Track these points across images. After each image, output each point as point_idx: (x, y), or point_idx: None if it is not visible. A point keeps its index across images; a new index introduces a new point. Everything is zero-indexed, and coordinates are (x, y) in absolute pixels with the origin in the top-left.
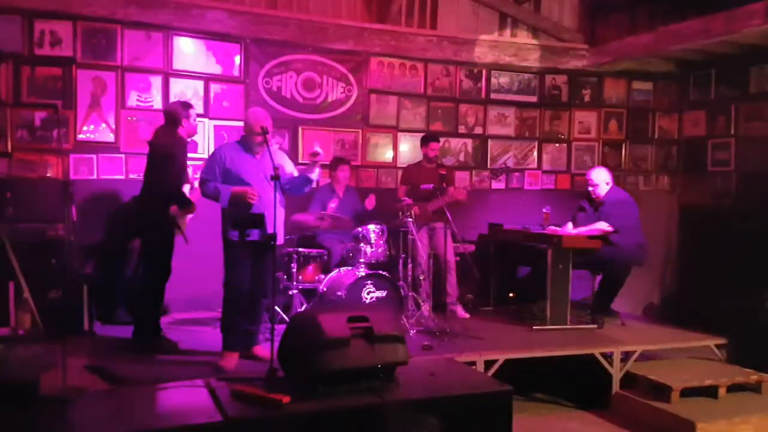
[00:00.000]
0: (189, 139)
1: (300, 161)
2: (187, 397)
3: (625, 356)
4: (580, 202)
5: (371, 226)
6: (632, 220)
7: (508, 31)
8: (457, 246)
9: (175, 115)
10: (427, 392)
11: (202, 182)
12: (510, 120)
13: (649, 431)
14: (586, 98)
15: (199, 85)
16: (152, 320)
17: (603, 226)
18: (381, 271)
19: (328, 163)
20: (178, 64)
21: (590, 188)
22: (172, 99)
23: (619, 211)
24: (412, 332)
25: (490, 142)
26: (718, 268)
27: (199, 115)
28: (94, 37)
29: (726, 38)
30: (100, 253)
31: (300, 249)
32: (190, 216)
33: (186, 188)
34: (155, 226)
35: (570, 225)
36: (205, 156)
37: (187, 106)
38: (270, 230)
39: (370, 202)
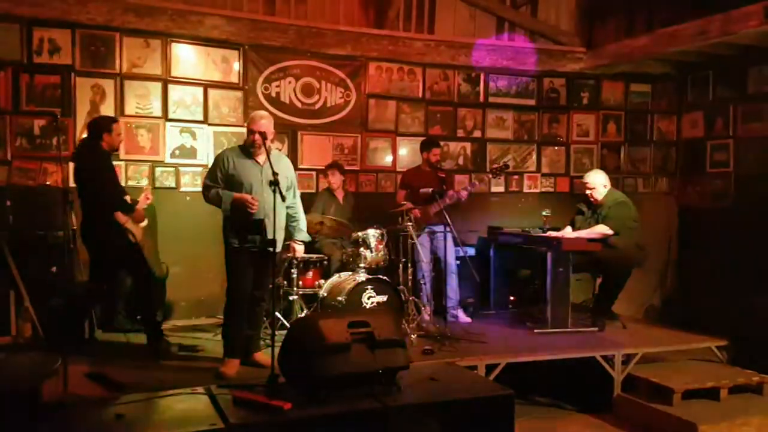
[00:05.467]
0: (111, 152)
1: (300, 166)
2: (188, 404)
3: (627, 359)
4: (578, 205)
5: (371, 231)
6: (630, 221)
7: (505, 35)
8: (458, 249)
9: (97, 128)
10: (429, 397)
11: (204, 188)
12: (508, 123)
13: None
14: (585, 101)
15: (198, 91)
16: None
17: (602, 229)
18: (381, 276)
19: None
20: (177, 70)
21: (588, 191)
22: (171, 106)
23: (616, 212)
24: (413, 337)
25: (488, 146)
26: (718, 270)
27: (197, 122)
28: (92, 45)
29: (723, 40)
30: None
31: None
32: (142, 224)
33: (127, 198)
34: (104, 240)
35: (569, 228)
36: (205, 162)
37: (112, 120)
38: (270, 236)
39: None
